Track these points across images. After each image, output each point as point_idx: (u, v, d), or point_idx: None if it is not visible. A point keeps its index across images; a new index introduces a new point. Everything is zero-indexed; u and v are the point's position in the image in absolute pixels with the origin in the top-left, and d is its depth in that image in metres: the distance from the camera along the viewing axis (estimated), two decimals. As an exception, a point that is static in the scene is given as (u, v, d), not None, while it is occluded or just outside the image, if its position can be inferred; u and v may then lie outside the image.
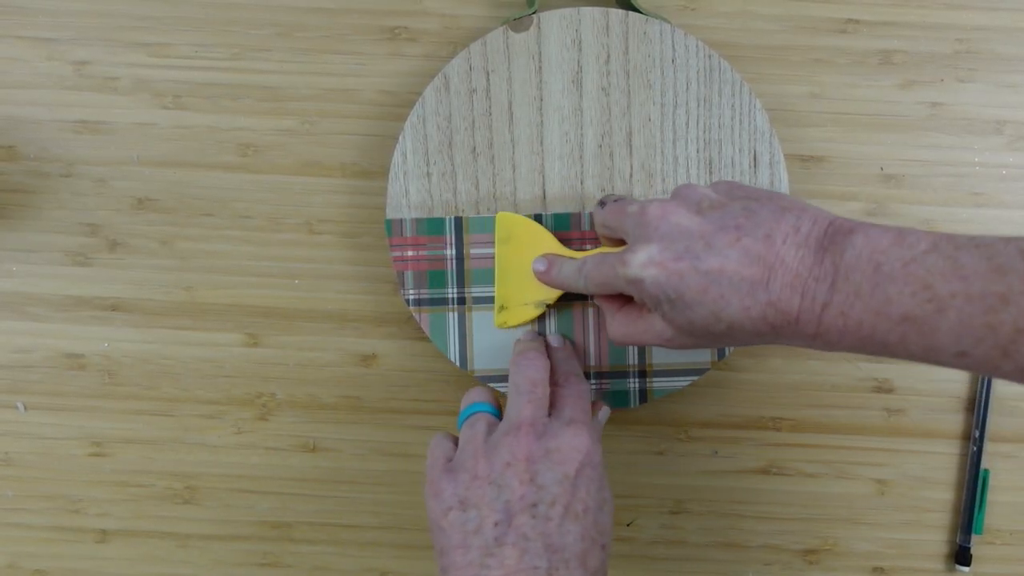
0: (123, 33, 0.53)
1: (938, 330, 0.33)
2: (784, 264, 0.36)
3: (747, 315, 0.36)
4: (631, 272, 0.38)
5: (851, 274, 0.35)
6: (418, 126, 0.50)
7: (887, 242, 0.35)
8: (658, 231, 0.38)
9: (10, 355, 0.54)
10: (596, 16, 0.50)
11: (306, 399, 0.54)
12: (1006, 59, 0.53)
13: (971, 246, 0.33)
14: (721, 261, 0.36)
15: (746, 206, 0.38)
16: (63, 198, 0.54)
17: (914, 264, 0.34)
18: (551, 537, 0.37)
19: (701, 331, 0.38)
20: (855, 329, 0.35)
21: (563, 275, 0.46)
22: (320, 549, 0.54)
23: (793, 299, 0.35)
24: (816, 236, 0.36)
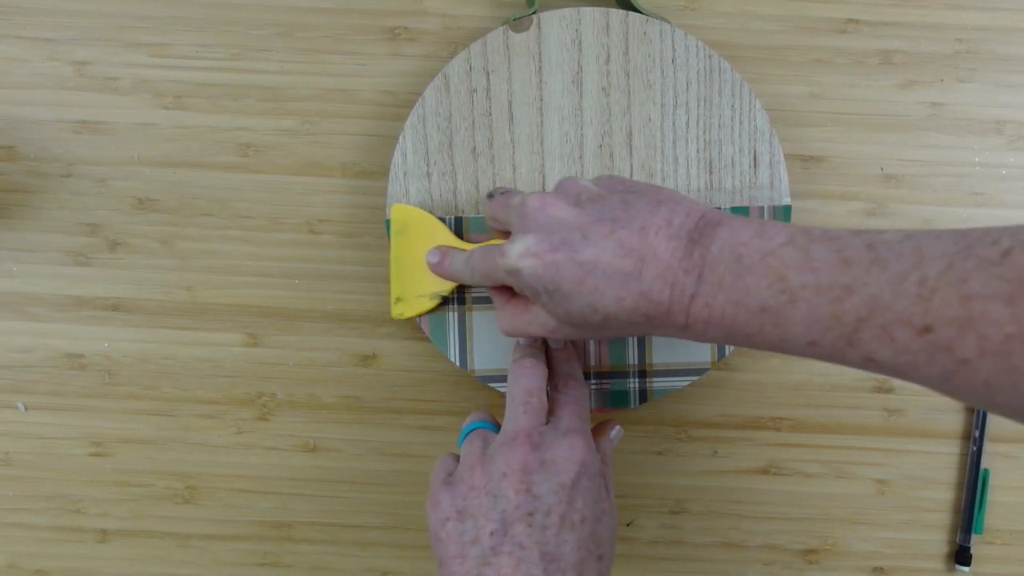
0: (123, 33, 0.53)
1: (791, 320, 0.34)
2: (656, 256, 0.36)
3: (621, 306, 0.37)
4: (509, 262, 0.39)
5: (716, 266, 0.35)
6: (418, 126, 0.50)
7: (748, 234, 0.36)
8: (536, 222, 0.39)
9: (10, 355, 0.54)
10: (596, 16, 0.50)
11: (306, 399, 0.54)
12: (1006, 59, 0.53)
13: (823, 239, 0.34)
14: (596, 252, 0.37)
15: (624, 199, 0.38)
16: (63, 198, 0.54)
17: (771, 256, 0.34)
18: (547, 546, 0.37)
19: (580, 321, 0.38)
20: (719, 319, 0.35)
21: (454, 267, 0.46)
22: (320, 549, 0.54)
23: (664, 290, 0.36)
24: (687, 228, 0.37)
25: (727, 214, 0.37)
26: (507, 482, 0.38)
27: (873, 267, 0.32)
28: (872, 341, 0.32)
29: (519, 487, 0.38)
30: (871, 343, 0.32)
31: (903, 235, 0.33)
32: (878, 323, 0.32)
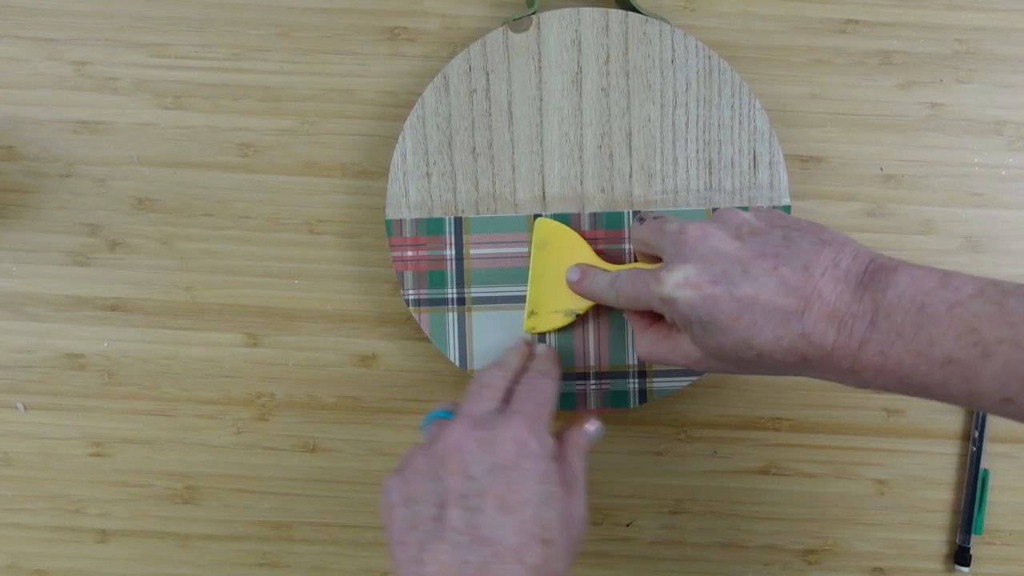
0: (123, 33, 0.53)
1: (982, 375, 0.33)
2: (821, 297, 0.36)
3: (778, 344, 0.36)
4: (665, 291, 0.38)
5: (892, 313, 0.34)
6: (418, 126, 0.50)
7: (932, 284, 0.35)
8: (696, 252, 0.38)
9: (10, 355, 0.54)
10: (596, 16, 0.50)
11: (306, 399, 0.54)
12: (1005, 60, 0.53)
13: (1019, 293, 0.33)
14: (756, 288, 0.36)
15: (786, 235, 0.38)
16: (63, 198, 0.54)
17: (959, 307, 0.34)
18: (482, 530, 0.36)
19: (731, 356, 0.38)
20: (894, 368, 0.35)
21: (595, 286, 0.45)
22: (320, 549, 0.54)
23: (828, 333, 0.35)
24: (856, 272, 0.36)
25: (902, 261, 0.36)
26: (444, 463, 0.38)
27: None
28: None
29: (455, 468, 0.38)
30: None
31: None
32: None
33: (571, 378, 0.50)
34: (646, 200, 0.50)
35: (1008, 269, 0.53)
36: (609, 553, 0.53)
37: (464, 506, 0.36)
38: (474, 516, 0.36)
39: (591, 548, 0.53)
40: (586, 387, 0.50)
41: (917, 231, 0.53)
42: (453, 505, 0.36)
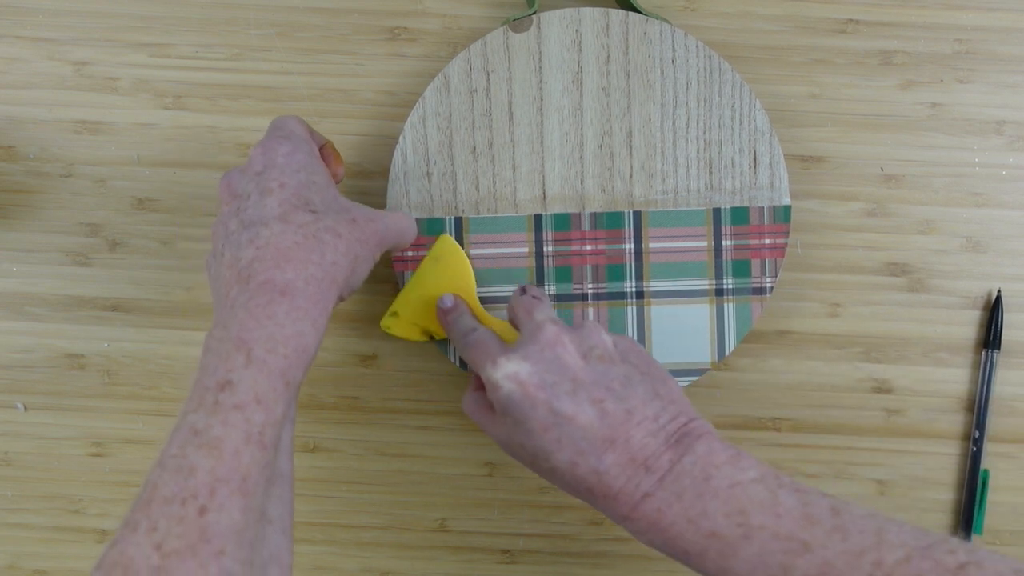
0: (123, 33, 0.53)
1: (737, 555, 0.35)
2: (628, 444, 0.38)
3: (572, 470, 0.38)
4: (495, 375, 0.40)
5: (681, 477, 0.37)
6: (418, 126, 0.50)
7: (723, 458, 0.37)
8: (541, 354, 0.40)
9: (10, 355, 0.54)
10: (596, 16, 0.50)
11: (306, 399, 0.54)
12: (1006, 59, 0.53)
13: (792, 488, 0.36)
14: (576, 411, 0.38)
15: (628, 374, 0.40)
16: (63, 198, 0.54)
17: (738, 488, 0.36)
18: (247, 213, 0.39)
19: (528, 457, 0.40)
20: (665, 527, 0.37)
21: (455, 327, 0.46)
22: (320, 549, 0.54)
23: (619, 478, 0.37)
24: (668, 431, 0.38)
25: (711, 431, 0.39)
26: (221, 208, 0.42)
27: (834, 533, 0.34)
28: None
29: (225, 196, 0.42)
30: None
31: (867, 512, 0.35)
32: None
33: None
34: (647, 200, 0.50)
35: (1008, 269, 0.53)
36: (609, 553, 0.53)
37: (238, 214, 0.40)
38: (243, 213, 0.40)
39: (591, 548, 0.54)
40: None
41: (917, 231, 0.53)
42: (231, 218, 0.40)
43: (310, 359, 0.37)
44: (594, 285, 0.50)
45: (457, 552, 0.54)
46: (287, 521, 0.36)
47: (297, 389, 0.37)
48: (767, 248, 0.50)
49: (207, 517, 0.31)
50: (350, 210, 0.42)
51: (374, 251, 0.42)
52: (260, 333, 0.35)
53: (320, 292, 0.38)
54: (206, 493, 0.32)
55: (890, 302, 0.53)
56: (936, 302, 0.53)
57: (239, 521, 0.32)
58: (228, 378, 0.34)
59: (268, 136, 0.43)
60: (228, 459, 0.33)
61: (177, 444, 0.33)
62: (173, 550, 0.31)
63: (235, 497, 0.32)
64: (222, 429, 0.33)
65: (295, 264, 0.38)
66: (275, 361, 0.35)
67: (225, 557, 0.31)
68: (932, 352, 0.53)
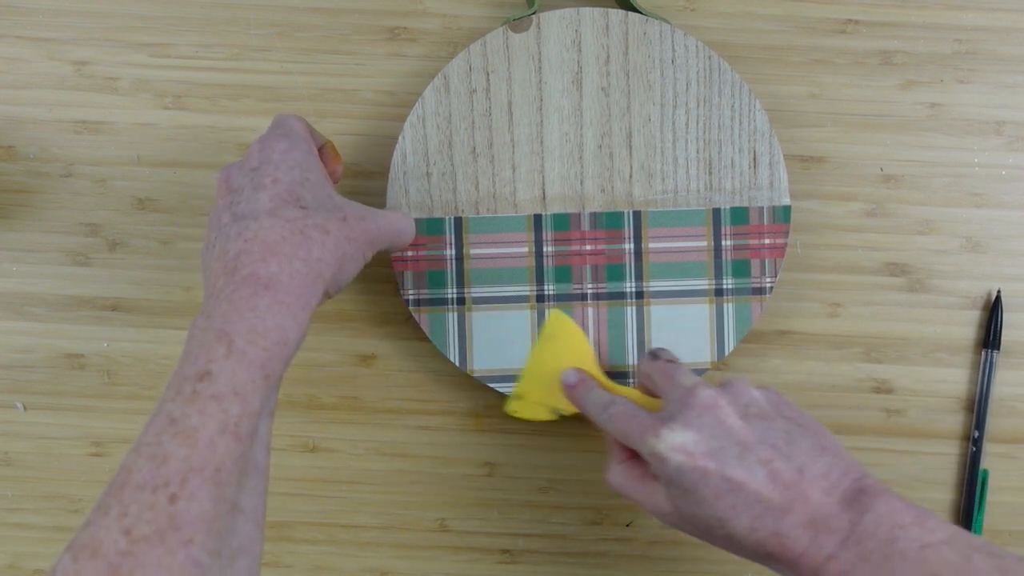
0: (123, 33, 0.53)
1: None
2: (805, 503, 0.36)
3: (750, 535, 0.37)
4: (660, 448, 0.38)
5: (865, 538, 0.35)
6: (418, 126, 0.50)
7: (908, 519, 0.35)
8: (701, 419, 0.39)
9: (10, 355, 0.54)
10: (596, 16, 0.50)
11: (306, 399, 0.54)
12: (1005, 59, 0.53)
13: (986, 552, 0.34)
14: (748, 475, 0.37)
15: (789, 429, 0.39)
16: (63, 198, 0.54)
17: (929, 550, 0.34)
18: (239, 207, 0.40)
19: (700, 527, 0.39)
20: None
21: (588, 400, 0.45)
22: (320, 549, 0.54)
23: (801, 539, 0.36)
24: (843, 488, 0.37)
25: (885, 487, 0.37)
26: (217, 201, 0.42)
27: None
28: None
29: (222, 190, 0.42)
30: None
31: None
32: None
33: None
34: (646, 200, 0.50)
35: (1008, 269, 0.53)
36: (609, 553, 0.53)
37: (231, 207, 0.40)
38: (236, 207, 0.40)
39: (591, 548, 0.54)
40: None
41: (917, 231, 0.53)
42: (224, 211, 0.41)
43: (291, 353, 0.37)
44: (594, 285, 0.50)
45: (457, 552, 0.54)
46: (260, 513, 0.36)
47: (277, 382, 0.37)
48: (767, 248, 0.50)
49: (177, 505, 0.32)
50: (342, 208, 0.42)
51: (365, 250, 0.42)
52: (242, 325, 0.36)
53: (304, 287, 0.38)
54: (178, 481, 0.32)
55: (890, 302, 0.53)
56: (936, 302, 0.53)
57: (210, 511, 0.32)
58: (208, 368, 0.34)
59: (268, 133, 0.43)
60: (202, 449, 0.33)
61: (153, 432, 0.33)
62: (142, 536, 0.31)
63: (207, 487, 0.32)
64: (198, 419, 0.33)
65: (280, 258, 0.38)
66: (255, 353, 0.35)
67: (193, 546, 0.31)
68: (932, 352, 0.53)
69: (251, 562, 0.35)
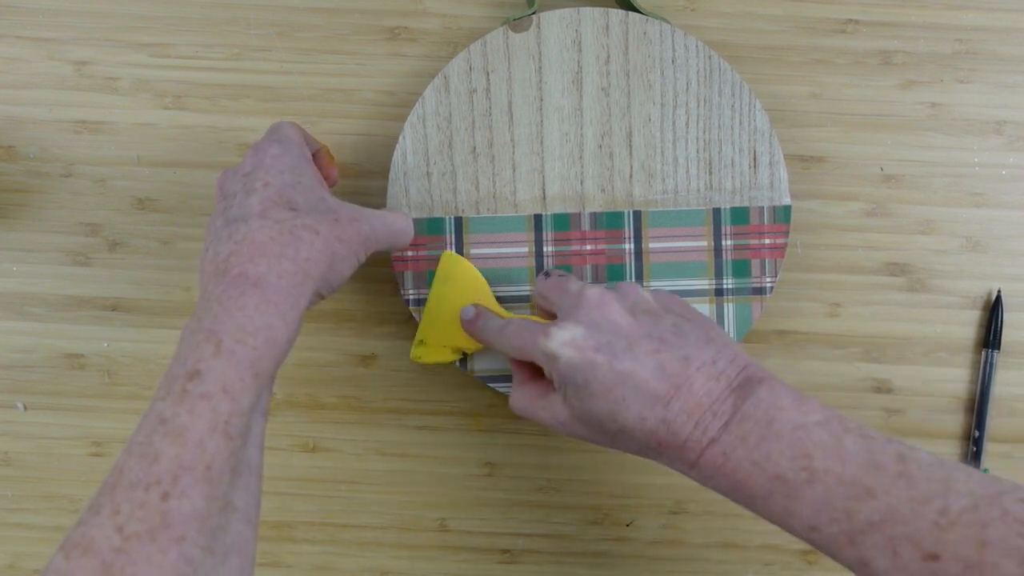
0: (123, 33, 0.53)
1: (801, 498, 0.35)
2: (691, 390, 0.37)
3: (640, 425, 0.38)
4: (551, 346, 0.39)
5: (745, 421, 0.37)
6: (418, 126, 0.50)
7: (786, 402, 0.37)
8: (589, 316, 0.40)
9: (10, 355, 0.54)
10: (596, 16, 0.50)
11: (306, 399, 0.54)
12: (1006, 59, 0.53)
13: (857, 433, 0.36)
14: (635, 366, 0.38)
15: (676, 324, 0.40)
16: (63, 198, 0.54)
17: (802, 431, 0.36)
18: (232, 211, 0.41)
19: (595, 424, 0.39)
20: (730, 472, 0.37)
21: (486, 329, 0.46)
22: (320, 549, 0.54)
23: (687, 425, 0.37)
24: (728, 375, 0.38)
25: (770, 374, 0.38)
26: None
27: (899, 479, 0.34)
28: (874, 548, 0.33)
29: (217, 196, 0.43)
30: (872, 549, 0.33)
31: (935, 460, 0.34)
32: (887, 533, 0.33)
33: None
34: (646, 200, 0.50)
35: (1008, 269, 0.53)
36: (609, 553, 0.53)
37: (224, 212, 0.41)
38: (228, 211, 0.41)
39: (591, 548, 0.54)
40: (586, 387, 0.50)
41: (917, 231, 0.53)
42: (217, 216, 0.42)
43: (280, 351, 0.37)
44: (594, 285, 0.50)
45: (457, 552, 0.54)
46: (252, 512, 0.36)
47: (268, 381, 0.37)
48: (767, 248, 0.50)
49: (169, 503, 0.32)
50: (335, 210, 0.42)
51: (357, 251, 0.43)
52: (230, 324, 0.36)
53: (292, 286, 0.38)
54: (169, 480, 0.32)
55: (890, 302, 0.53)
56: (936, 302, 0.53)
57: (201, 508, 0.33)
58: (197, 368, 0.35)
59: (262, 139, 0.44)
60: (192, 447, 0.33)
61: (144, 432, 0.34)
62: (134, 533, 0.31)
63: (198, 485, 0.33)
64: (188, 418, 0.34)
65: (268, 258, 0.38)
66: (243, 352, 0.36)
67: (185, 543, 0.32)
68: (932, 352, 0.53)
69: (244, 560, 0.35)
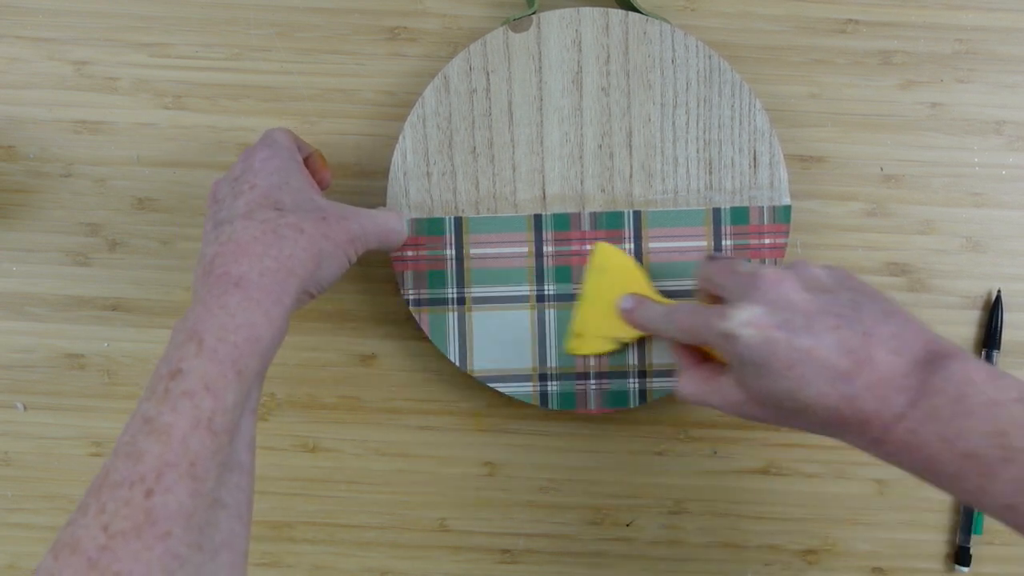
0: (123, 33, 0.53)
1: (997, 477, 0.34)
2: (873, 365, 0.36)
3: (822, 402, 0.37)
4: (729, 326, 0.39)
5: (934, 396, 0.35)
6: (418, 126, 0.50)
7: (980, 377, 0.35)
8: (766, 296, 0.39)
9: (10, 355, 0.54)
10: (596, 16, 0.50)
11: (306, 399, 0.54)
12: (1005, 59, 0.53)
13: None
14: (816, 342, 0.37)
15: (854, 299, 0.39)
16: (63, 198, 0.54)
17: (998, 408, 0.34)
18: (220, 215, 0.41)
19: (773, 403, 0.39)
20: (918, 448, 0.35)
21: (649, 317, 0.46)
22: (320, 549, 0.54)
23: (870, 401, 0.36)
24: (913, 349, 0.37)
25: (959, 348, 0.37)
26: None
27: None
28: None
29: (209, 202, 0.44)
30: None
31: None
32: None
33: (571, 378, 0.50)
34: (646, 200, 0.50)
35: (1008, 269, 0.53)
36: (609, 553, 0.53)
37: (214, 215, 0.42)
38: (217, 214, 0.42)
39: (591, 548, 0.54)
40: (586, 387, 0.50)
41: (917, 231, 0.53)
42: (207, 222, 0.42)
43: (264, 348, 0.38)
44: (594, 285, 0.50)
45: (457, 552, 0.54)
46: (244, 509, 0.36)
47: (255, 379, 0.37)
48: (767, 248, 0.50)
49: (153, 500, 0.32)
50: (323, 209, 0.43)
51: (346, 249, 0.43)
52: (212, 323, 0.36)
53: (275, 284, 0.38)
54: (153, 477, 0.33)
55: (890, 302, 0.53)
56: (936, 302, 0.53)
57: (187, 504, 0.33)
58: (179, 367, 0.35)
59: (253, 145, 0.45)
60: (176, 445, 0.34)
61: (130, 432, 0.34)
62: (119, 531, 0.32)
63: (183, 481, 0.33)
64: (171, 416, 0.34)
65: (251, 257, 0.39)
66: (225, 350, 0.36)
67: (171, 539, 0.32)
68: (932, 352, 0.53)
69: (235, 556, 0.35)
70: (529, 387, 0.50)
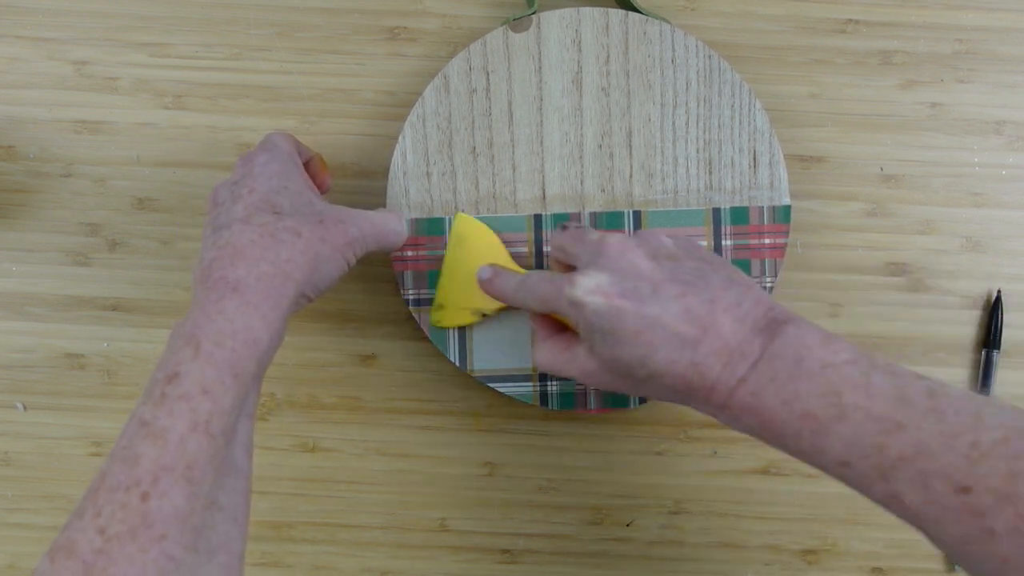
0: (123, 33, 0.53)
1: (832, 434, 0.35)
2: (718, 332, 0.37)
3: (669, 368, 0.38)
4: (576, 293, 0.39)
5: (773, 360, 0.37)
6: (418, 126, 0.50)
7: (814, 341, 0.37)
8: (612, 263, 0.40)
9: (10, 355, 0.54)
10: (596, 16, 0.50)
11: (306, 399, 0.54)
12: (1006, 59, 0.53)
13: (886, 371, 0.35)
14: (662, 310, 0.38)
15: (699, 267, 0.40)
16: (63, 198, 0.54)
17: (831, 369, 0.36)
18: (219, 220, 0.42)
19: (623, 371, 0.39)
20: (759, 411, 0.37)
21: (505, 286, 0.46)
22: (320, 549, 0.54)
23: (715, 366, 0.37)
24: (754, 316, 0.38)
25: (796, 315, 0.38)
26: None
27: (930, 414, 0.34)
28: (905, 482, 0.33)
29: (209, 207, 0.44)
30: (903, 483, 0.33)
31: (965, 394, 0.34)
32: (918, 467, 0.33)
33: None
34: (646, 200, 0.50)
35: (1008, 269, 0.53)
36: (609, 553, 0.53)
37: (213, 220, 0.42)
38: (216, 218, 0.42)
39: (591, 548, 0.53)
40: (586, 387, 0.50)
41: (917, 231, 0.53)
42: (207, 227, 0.42)
43: (262, 352, 0.38)
44: (594, 285, 0.50)
45: (457, 552, 0.54)
46: (240, 511, 0.37)
47: (252, 382, 0.37)
48: (767, 248, 0.50)
49: (149, 503, 0.33)
50: (321, 212, 0.43)
51: (344, 251, 0.43)
52: (210, 328, 0.37)
53: (272, 287, 0.39)
54: (149, 480, 0.33)
55: (890, 302, 0.53)
56: (936, 302, 0.53)
57: (183, 507, 0.33)
58: (176, 371, 0.35)
59: (253, 149, 0.45)
60: (172, 448, 0.34)
61: (127, 436, 0.34)
62: (115, 534, 0.32)
63: (179, 484, 0.33)
64: (168, 419, 0.34)
65: (248, 261, 0.39)
66: (222, 354, 0.36)
67: (167, 541, 0.32)
68: (932, 352, 0.53)
69: (231, 559, 0.35)
70: (529, 387, 0.50)
